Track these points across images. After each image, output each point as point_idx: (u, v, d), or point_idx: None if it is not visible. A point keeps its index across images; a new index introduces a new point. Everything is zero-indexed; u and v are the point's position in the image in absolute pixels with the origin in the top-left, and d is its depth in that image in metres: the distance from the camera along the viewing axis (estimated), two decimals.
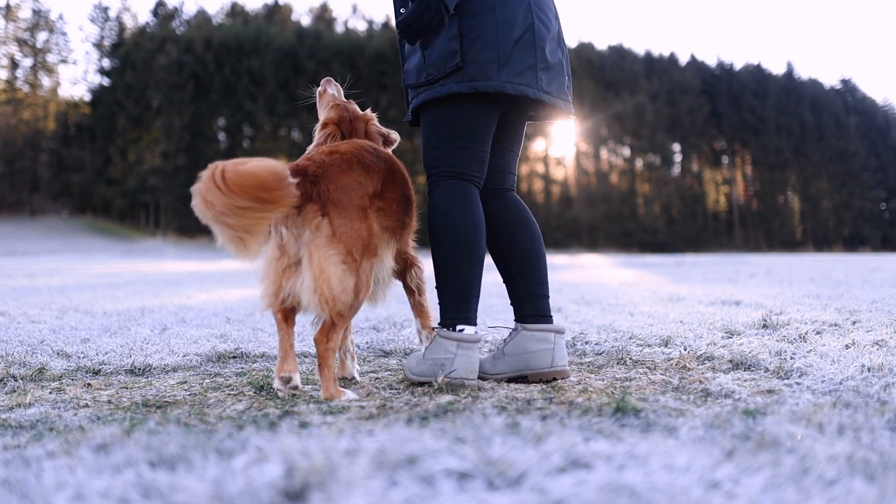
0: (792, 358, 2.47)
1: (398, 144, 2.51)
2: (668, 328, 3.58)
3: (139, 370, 2.56)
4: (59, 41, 67.94)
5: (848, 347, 2.69)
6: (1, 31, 63.29)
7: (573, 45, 79.13)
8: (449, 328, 2.19)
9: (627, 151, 78.72)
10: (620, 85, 77.10)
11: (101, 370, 2.55)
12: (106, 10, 71.51)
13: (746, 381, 2.15)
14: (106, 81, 68.20)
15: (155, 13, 72.81)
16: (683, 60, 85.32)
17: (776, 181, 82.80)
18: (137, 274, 13.51)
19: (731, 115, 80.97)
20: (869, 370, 2.16)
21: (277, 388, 2.04)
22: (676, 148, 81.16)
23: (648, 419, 1.60)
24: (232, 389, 2.16)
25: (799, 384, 2.05)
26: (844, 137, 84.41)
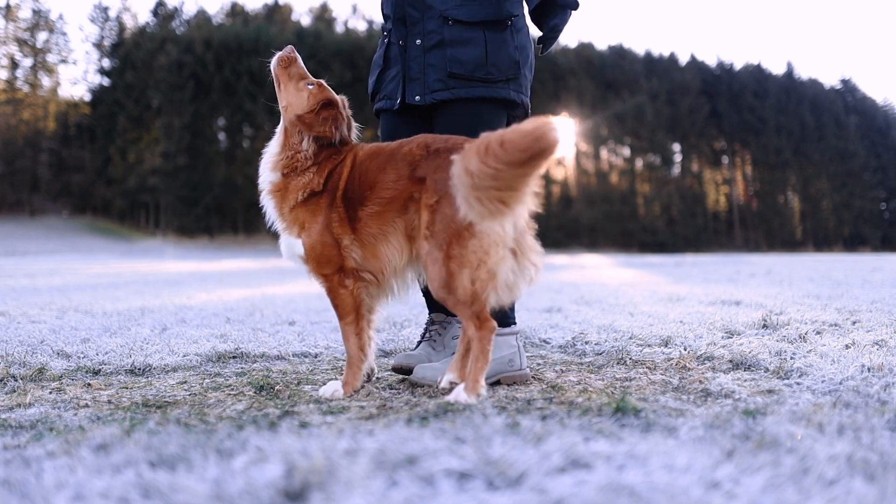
0: (792, 358, 2.47)
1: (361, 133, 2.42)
2: (668, 328, 3.58)
3: (139, 370, 2.56)
4: (59, 41, 67.94)
5: (848, 347, 2.69)
6: (1, 31, 63.29)
7: (573, 45, 79.18)
8: (506, 325, 2.33)
9: (627, 151, 78.68)
10: (620, 85, 77.05)
11: (101, 370, 2.55)
12: (106, 10, 71.49)
13: (746, 381, 2.15)
14: (106, 81, 68.17)
15: (155, 13, 72.81)
16: (683, 60, 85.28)
17: (776, 181, 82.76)
18: (137, 274, 13.51)
19: (731, 115, 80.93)
20: (869, 370, 2.16)
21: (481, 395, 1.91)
22: (676, 148, 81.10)
23: (648, 419, 1.60)
24: (232, 389, 2.16)
25: (799, 384, 2.05)
26: (844, 137, 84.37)
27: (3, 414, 1.81)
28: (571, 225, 70.84)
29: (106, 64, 69.74)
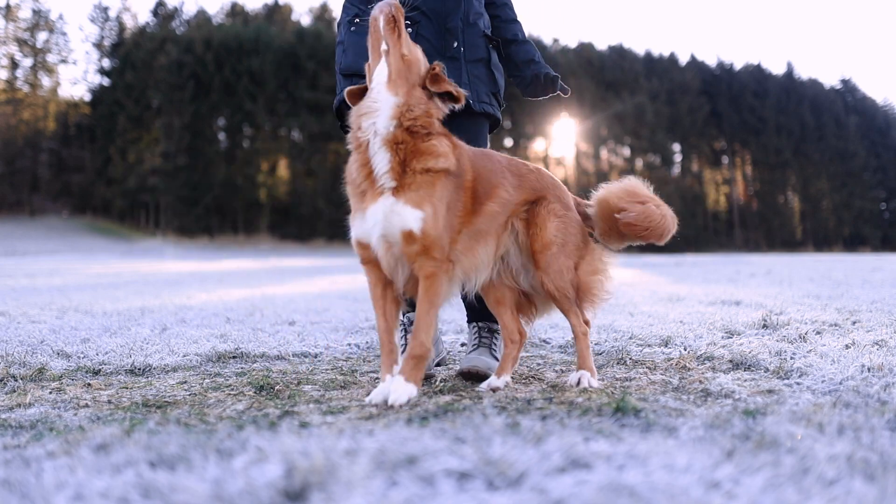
0: (792, 358, 2.47)
1: None
2: (668, 328, 3.58)
3: (139, 370, 2.56)
4: (59, 41, 67.91)
5: (848, 347, 2.69)
6: (1, 31, 63.26)
7: (573, 45, 79.20)
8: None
9: (627, 151, 78.64)
10: (620, 85, 77.01)
11: (101, 370, 2.55)
12: (106, 10, 71.46)
13: (746, 381, 2.15)
14: (106, 81, 68.14)
15: (155, 13, 72.77)
16: (683, 60, 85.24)
17: (776, 181, 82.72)
18: (137, 274, 13.50)
19: (731, 115, 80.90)
20: (869, 370, 2.16)
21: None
22: (676, 148, 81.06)
23: (648, 419, 1.60)
24: (232, 389, 2.16)
25: (799, 384, 2.05)
26: (844, 137, 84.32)
27: (3, 414, 1.81)
28: None
29: (106, 64, 69.71)
